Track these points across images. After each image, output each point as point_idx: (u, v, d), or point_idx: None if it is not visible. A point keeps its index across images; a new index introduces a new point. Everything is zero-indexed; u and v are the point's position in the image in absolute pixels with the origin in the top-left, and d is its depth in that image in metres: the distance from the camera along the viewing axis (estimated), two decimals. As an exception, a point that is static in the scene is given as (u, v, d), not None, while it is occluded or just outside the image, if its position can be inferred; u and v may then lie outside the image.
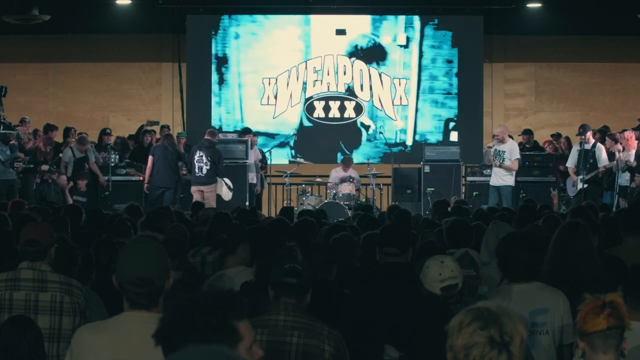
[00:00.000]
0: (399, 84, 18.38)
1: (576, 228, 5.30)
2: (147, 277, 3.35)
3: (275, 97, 18.30)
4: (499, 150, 14.39)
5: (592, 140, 14.70)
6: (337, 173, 16.17)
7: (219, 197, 14.28)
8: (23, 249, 4.79)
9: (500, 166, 14.30)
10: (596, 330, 2.97)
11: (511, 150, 14.39)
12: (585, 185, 14.31)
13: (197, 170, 14.25)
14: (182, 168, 14.90)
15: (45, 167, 14.22)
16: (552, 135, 17.02)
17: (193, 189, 14.29)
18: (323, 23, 18.45)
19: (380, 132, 17.50)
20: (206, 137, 14.54)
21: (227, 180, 14.27)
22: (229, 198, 14.27)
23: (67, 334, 4.64)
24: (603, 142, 14.89)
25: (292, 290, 3.94)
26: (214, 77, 18.34)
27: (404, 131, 18.25)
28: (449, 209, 10.21)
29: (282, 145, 17.84)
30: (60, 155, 15.11)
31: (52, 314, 4.69)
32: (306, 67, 18.37)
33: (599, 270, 5.03)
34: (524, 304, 4.49)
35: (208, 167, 14.05)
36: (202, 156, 14.18)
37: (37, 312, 4.68)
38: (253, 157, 15.89)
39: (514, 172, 14.45)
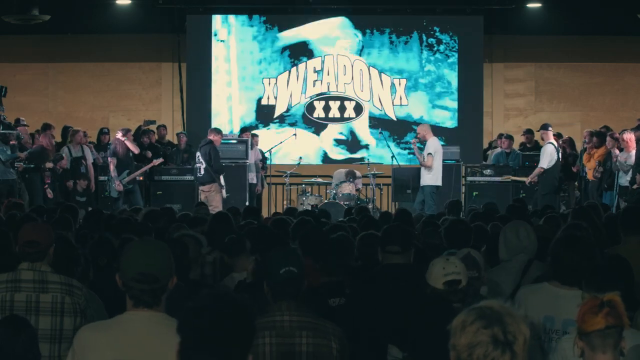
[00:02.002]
0: (399, 84, 18.38)
1: (578, 230, 5.27)
2: (152, 274, 3.35)
3: (275, 97, 18.30)
4: (422, 149, 14.44)
5: (549, 139, 14.77)
6: (338, 174, 16.15)
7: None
8: (22, 250, 4.78)
9: (421, 164, 14.32)
10: (595, 330, 2.97)
11: (427, 147, 14.32)
12: (529, 183, 14.78)
13: (197, 170, 14.29)
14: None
15: (50, 165, 14.21)
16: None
17: (199, 189, 14.37)
18: (322, 23, 18.45)
19: (381, 132, 17.49)
20: (207, 136, 14.52)
21: (220, 177, 14.26)
22: (224, 196, 14.29)
23: (68, 334, 4.65)
24: (602, 144, 14.91)
25: (290, 295, 3.93)
26: (214, 76, 18.34)
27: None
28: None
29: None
30: (63, 154, 15.11)
31: (53, 315, 4.69)
32: (306, 67, 18.37)
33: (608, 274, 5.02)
34: (558, 310, 4.46)
35: (204, 167, 14.04)
36: (198, 156, 14.20)
37: (38, 313, 4.68)
38: (253, 157, 15.88)
39: (436, 171, 14.27)
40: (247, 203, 14.55)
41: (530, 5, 18.30)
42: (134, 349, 3.30)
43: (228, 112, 18.36)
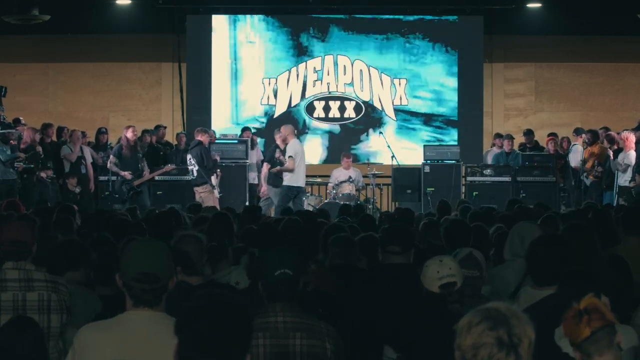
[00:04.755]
0: (399, 84, 18.38)
1: (579, 231, 5.26)
2: (153, 274, 3.36)
3: (275, 97, 18.31)
4: (283, 150, 14.35)
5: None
6: (337, 173, 16.13)
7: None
8: (6, 249, 4.79)
9: (280, 168, 14.25)
10: (583, 339, 2.97)
11: (287, 150, 14.28)
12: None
13: (190, 172, 14.32)
14: None
15: (21, 156, 13.96)
16: (548, 135, 16.97)
17: (194, 190, 14.39)
18: (323, 23, 18.45)
19: (380, 132, 17.50)
20: (195, 137, 14.56)
21: (212, 177, 14.26)
22: (217, 195, 14.30)
23: (56, 331, 4.70)
24: (595, 140, 14.96)
25: (285, 296, 3.94)
26: (214, 76, 18.35)
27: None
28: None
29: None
30: (62, 155, 15.13)
31: (40, 313, 4.69)
32: (306, 67, 18.37)
33: (605, 271, 5.01)
34: None
35: (196, 168, 14.07)
36: (189, 158, 14.22)
37: (26, 311, 4.68)
38: (255, 157, 15.85)
39: (297, 173, 14.23)
40: (247, 203, 14.55)
41: (530, 5, 18.30)
42: (134, 349, 3.30)
43: (228, 112, 18.37)
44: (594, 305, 2.97)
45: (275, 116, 18.28)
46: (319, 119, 18.33)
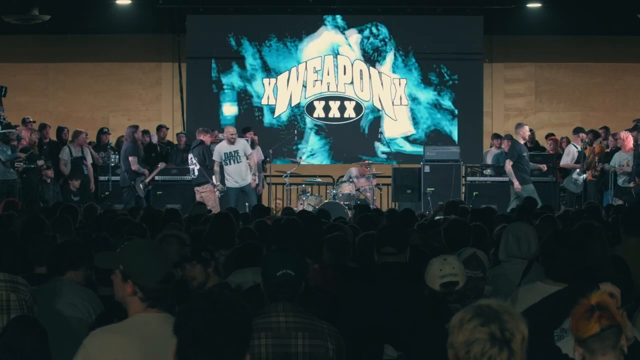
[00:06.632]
0: (399, 84, 18.38)
1: (591, 230, 5.26)
2: (171, 273, 3.45)
3: (275, 98, 18.30)
4: (231, 152, 14.26)
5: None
6: (352, 172, 16.09)
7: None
8: None
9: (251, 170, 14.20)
10: (590, 335, 2.96)
11: (244, 148, 14.26)
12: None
13: (191, 172, 14.34)
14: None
15: (40, 162, 14.14)
16: (548, 135, 16.94)
17: (194, 189, 14.43)
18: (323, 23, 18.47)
19: (380, 132, 17.50)
20: (197, 137, 14.60)
21: (213, 177, 14.26)
22: (219, 194, 14.32)
23: None
24: (596, 139, 14.99)
25: (286, 297, 3.94)
26: (214, 76, 18.35)
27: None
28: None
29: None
30: (60, 156, 15.14)
31: None
32: (306, 67, 18.37)
33: (612, 272, 5.01)
34: None
35: (197, 168, 14.09)
36: (191, 157, 14.25)
37: None
38: (256, 156, 15.83)
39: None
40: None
41: (530, 5, 18.31)
42: (148, 351, 3.30)
43: (228, 112, 18.37)
44: (606, 304, 2.96)
45: (275, 116, 18.29)
46: (319, 118, 18.33)
